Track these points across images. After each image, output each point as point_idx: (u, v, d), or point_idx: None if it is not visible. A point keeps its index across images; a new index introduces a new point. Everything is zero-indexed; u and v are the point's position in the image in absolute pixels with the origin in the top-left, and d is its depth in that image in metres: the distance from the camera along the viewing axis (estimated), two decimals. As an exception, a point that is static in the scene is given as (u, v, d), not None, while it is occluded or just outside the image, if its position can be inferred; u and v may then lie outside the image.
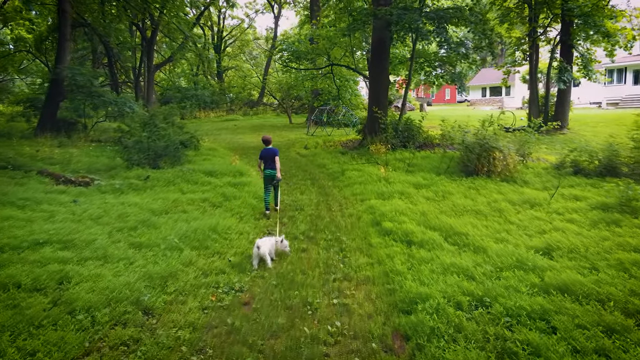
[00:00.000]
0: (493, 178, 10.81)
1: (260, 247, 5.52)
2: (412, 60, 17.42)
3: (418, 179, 10.34)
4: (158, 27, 29.36)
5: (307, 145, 18.57)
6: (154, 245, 5.80)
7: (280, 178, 8.15)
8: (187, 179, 10.42)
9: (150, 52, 30.74)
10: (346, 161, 13.81)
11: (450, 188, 9.57)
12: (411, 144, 16.47)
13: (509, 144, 11.42)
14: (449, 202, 8.29)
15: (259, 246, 5.53)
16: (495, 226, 6.71)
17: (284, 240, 5.84)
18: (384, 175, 10.69)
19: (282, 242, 5.80)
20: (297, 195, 9.88)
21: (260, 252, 5.51)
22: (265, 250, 5.53)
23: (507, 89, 56.04)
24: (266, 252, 5.54)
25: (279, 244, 5.79)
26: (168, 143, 12.72)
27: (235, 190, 9.37)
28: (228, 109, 42.81)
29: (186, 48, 30.27)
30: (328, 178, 11.92)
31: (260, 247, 5.52)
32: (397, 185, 9.73)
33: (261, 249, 5.51)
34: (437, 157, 13.84)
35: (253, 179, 10.71)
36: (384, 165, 11.88)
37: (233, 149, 18.68)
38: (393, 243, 6.06)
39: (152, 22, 28.56)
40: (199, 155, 15.13)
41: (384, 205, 8.02)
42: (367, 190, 9.65)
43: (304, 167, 13.85)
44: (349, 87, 24.66)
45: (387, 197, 8.84)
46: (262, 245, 5.56)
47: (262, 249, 5.52)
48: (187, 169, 11.43)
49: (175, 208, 7.94)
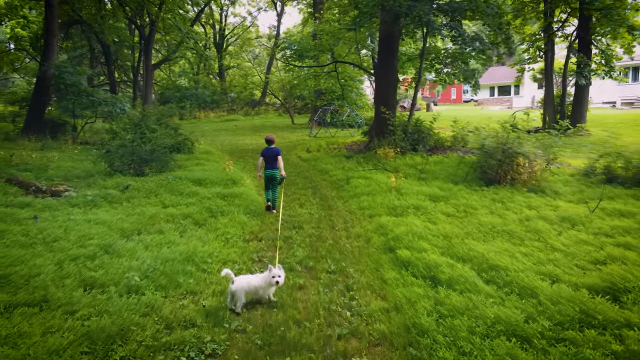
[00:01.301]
0: (518, 187, 9.54)
1: (234, 281, 4.31)
2: (422, 56, 16.13)
3: (434, 190, 9.07)
4: (155, 24, 28.20)
5: (309, 148, 17.33)
6: (110, 283, 4.57)
7: (285, 175, 8.26)
8: (172, 188, 9.20)
9: (148, 51, 29.59)
10: (351, 167, 12.55)
11: (471, 201, 8.30)
12: (421, 148, 15.20)
13: (537, 150, 10.12)
14: (473, 220, 7.02)
15: (234, 280, 4.32)
16: (536, 255, 5.43)
17: (280, 268, 4.50)
18: (394, 185, 9.43)
19: (273, 277, 4.42)
20: (295, 208, 8.62)
21: (232, 288, 4.31)
22: (238, 288, 4.30)
23: (515, 88, 54.60)
24: (239, 290, 4.29)
25: (269, 278, 4.42)
26: (154, 147, 11.50)
27: (224, 204, 8.12)
28: (229, 108, 41.61)
29: (184, 46, 29.06)
30: (331, 187, 10.67)
31: (235, 282, 4.30)
32: (410, 198, 8.46)
33: (235, 284, 4.30)
34: (451, 163, 12.56)
35: (246, 189, 9.47)
36: (394, 174, 10.62)
37: (230, 152, 17.46)
38: (413, 280, 4.79)
39: (150, 19, 27.38)
40: (191, 160, 13.92)
41: (397, 224, 6.76)
42: (375, 203, 8.39)
43: (305, 173, 12.60)
44: (354, 86, 23.38)
45: (400, 212, 7.57)
46: (240, 280, 4.35)
47: (236, 284, 4.30)
48: (173, 176, 10.21)
49: (150, 227, 6.71)
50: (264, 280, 4.40)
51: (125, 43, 33.66)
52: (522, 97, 51.03)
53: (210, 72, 49.22)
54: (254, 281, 4.41)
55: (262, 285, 4.40)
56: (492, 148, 10.54)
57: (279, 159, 8.14)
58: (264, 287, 4.41)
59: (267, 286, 4.41)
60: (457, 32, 13.53)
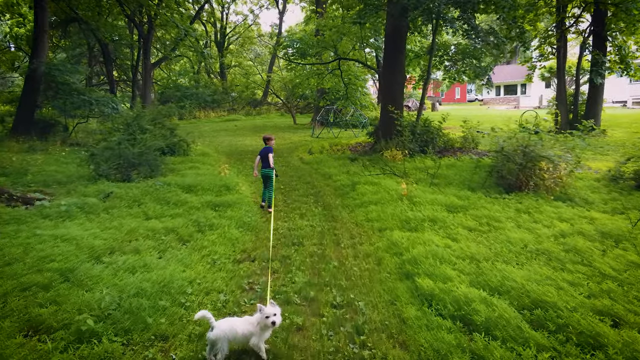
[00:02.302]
0: (542, 195, 8.57)
1: (214, 327, 3.39)
2: (431, 53, 15.16)
3: (450, 198, 8.10)
4: (154, 21, 27.32)
5: (311, 150, 16.38)
6: (59, 326, 3.63)
7: (274, 168, 8.20)
8: (158, 197, 8.26)
9: (147, 49, 28.72)
10: (357, 171, 11.59)
11: (494, 212, 7.33)
12: (431, 149, 14.27)
13: (566, 154, 9.14)
14: (500, 237, 6.05)
15: (213, 326, 3.40)
16: (585, 284, 4.47)
17: (273, 305, 3.54)
18: (405, 193, 8.46)
19: (267, 317, 3.45)
20: (295, 219, 7.67)
21: (210, 336, 3.38)
22: (220, 336, 3.37)
23: (522, 87, 53.49)
24: (221, 338, 3.37)
25: (261, 320, 3.45)
26: (143, 150, 10.57)
27: (215, 216, 7.18)
28: (230, 108, 40.68)
29: (182, 44, 28.19)
30: (335, 194, 9.71)
31: (215, 328, 3.39)
32: (425, 208, 7.49)
33: (215, 330, 3.37)
34: (465, 167, 11.59)
35: (241, 197, 8.51)
36: (404, 179, 9.67)
37: (228, 154, 16.53)
38: (439, 321, 3.83)
39: (149, 16, 26.49)
40: (185, 163, 12.99)
41: (413, 242, 5.80)
42: (385, 213, 7.43)
43: (307, 178, 11.65)
44: (358, 84, 22.41)
45: (415, 226, 6.61)
46: (221, 325, 3.42)
47: (216, 331, 3.37)
48: (161, 182, 9.27)
49: (126, 245, 5.77)
50: (253, 324, 3.48)
51: (123, 41, 32.88)
52: (529, 96, 49.95)
53: (211, 71, 48.34)
54: (241, 327, 3.47)
55: (251, 332, 3.46)
56: (513, 151, 9.60)
57: (269, 157, 8.20)
58: (255, 332, 3.47)
59: (261, 331, 3.48)
60: (470, 25, 12.55)
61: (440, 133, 15.18)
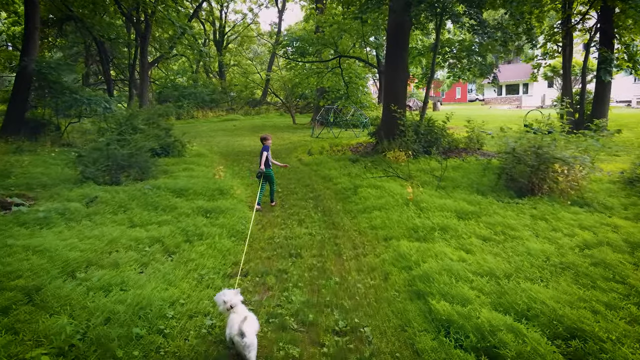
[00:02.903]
0: (557, 199, 8.01)
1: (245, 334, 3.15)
2: (435, 49, 14.58)
3: (459, 203, 7.53)
4: (151, 19, 26.76)
5: (310, 151, 15.82)
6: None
7: (263, 170, 8.23)
8: (146, 201, 7.69)
9: (144, 48, 28.17)
10: (358, 173, 11.02)
11: (508, 218, 6.76)
12: (435, 150, 13.69)
13: (583, 155, 8.57)
14: (519, 248, 5.47)
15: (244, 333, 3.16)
16: (625, 306, 3.90)
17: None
18: (411, 197, 7.89)
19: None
20: (293, 226, 7.10)
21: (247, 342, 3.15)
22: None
23: (524, 87, 52.89)
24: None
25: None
26: (133, 151, 10.00)
27: (206, 223, 6.60)
28: (228, 108, 40.07)
29: (178, 41, 27.67)
30: (336, 197, 9.14)
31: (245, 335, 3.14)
32: (433, 215, 6.92)
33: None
34: (472, 168, 11.02)
35: (235, 203, 7.93)
36: (409, 182, 9.10)
37: (224, 155, 15.97)
38: (461, 355, 3.25)
39: (145, 14, 25.92)
40: (179, 164, 12.41)
41: (423, 253, 5.23)
42: (391, 220, 6.86)
43: (306, 180, 11.08)
44: (359, 84, 21.83)
45: (424, 235, 6.04)
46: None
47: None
48: (150, 186, 8.70)
49: (105, 257, 5.21)
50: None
51: (120, 40, 32.34)
52: (531, 96, 49.37)
53: (210, 70, 47.76)
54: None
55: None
56: (524, 152, 9.04)
57: (262, 155, 8.26)
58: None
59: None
60: (477, 20, 11.97)
61: (445, 133, 14.62)
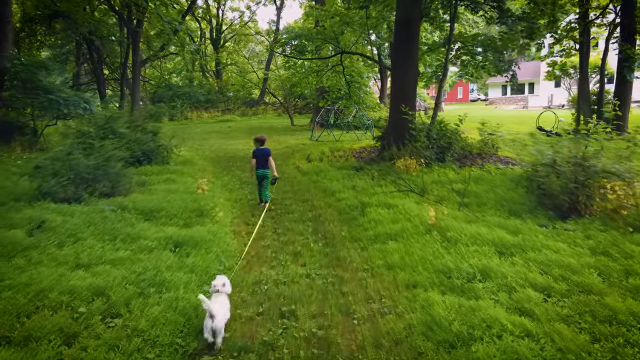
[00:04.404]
0: (610, 223, 6.49)
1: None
2: (449, 44, 13.10)
3: (495, 231, 5.99)
4: (143, 16, 25.30)
5: (309, 156, 14.30)
6: None
7: (277, 176, 8.54)
8: (105, 228, 6.16)
9: (135, 45, 26.70)
10: (365, 185, 9.51)
11: (563, 255, 5.22)
12: (449, 157, 12.21)
13: None
14: (596, 307, 3.95)
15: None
16: None
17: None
18: (433, 222, 6.38)
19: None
20: (287, 263, 5.57)
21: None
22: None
23: (530, 86, 51.40)
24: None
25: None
26: (99, 161, 8.47)
27: (172, 263, 5.05)
28: (224, 108, 38.53)
29: (165, 37, 26.21)
30: (340, 219, 7.62)
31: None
32: (466, 249, 5.40)
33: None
34: (497, 180, 9.51)
35: (215, 230, 6.36)
36: (429, 202, 7.60)
37: (215, 161, 14.45)
38: None
39: (135, 10, 24.44)
40: (161, 173, 10.89)
41: (466, 318, 3.71)
42: (412, 257, 5.35)
43: (304, 194, 9.56)
44: (362, 83, 20.31)
45: (461, 285, 4.51)
46: None
47: None
48: (115, 205, 7.18)
49: (16, 325, 3.69)
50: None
51: (111, 38, 30.90)
52: (537, 96, 47.91)
53: (206, 69, 46.25)
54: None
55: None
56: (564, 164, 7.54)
57: (270, 160, 8.38)
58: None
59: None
60: (499, 8, 10.47)
61: (459, 137, 13.14)
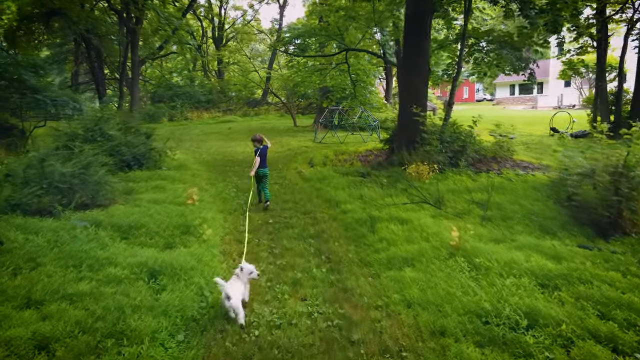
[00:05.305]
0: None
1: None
2: (462, 40, 12.13)
3: (533, 257, 5.01)
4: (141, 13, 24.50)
5: (312, 161, 13.36)
6: None
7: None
8: (72, 250, 5.22)
9: (134, 43, 25.92)
10: (373, 195, 8.55)
11: (620, 288, 4.29)
12: (463, 162, 11.25)
13: None
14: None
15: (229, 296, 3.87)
16: None
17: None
18: (456, 243, 5.42)
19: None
20: (284, 295, 4.63)
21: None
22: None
23: (539, 86, 50.21)
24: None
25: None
26: (75, 169, 7.56)
27: (142, 300, 4.11)
28: (225, 109, 37.58)
29: (162, 33, 25.46)
30: (346, 236, 6.66)
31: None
32: (500, 280, 4.44)
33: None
34: (519, 189, 8.55)
35: (201, 253, 5.40)
36: (450, 218, 6.64)
37: (211, 166, 13.52)
38: None
39: (136, 7, 23.64)
40: (151, 180, 9.99)
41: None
42: (435, 290, 4.40)
43: (306, 205, 8.60)
44: (368, 82, 19.34)
45: (501, 334, 3.56)
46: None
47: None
48: (86, 222, 6.25)
49: None
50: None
51: (111, 37, 30.13)
52: (546, 96, 46.70)
53: (208, 69, 45.35)
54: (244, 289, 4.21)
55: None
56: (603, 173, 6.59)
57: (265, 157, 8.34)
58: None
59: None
60: (521, 1, 9.50)
61: (473, 140, 12.18)
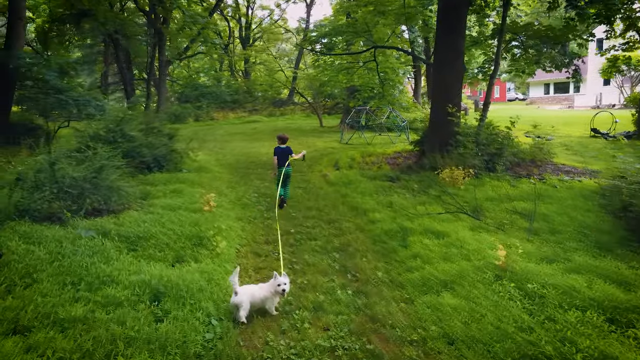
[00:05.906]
0: None
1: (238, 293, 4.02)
2: (500, 34, 11.27)
3: (595, 283, 4.28)
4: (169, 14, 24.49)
5: (338, 163, 12.73)
6: None
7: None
8: (72, 264, 4.76)
9: (161, 44, 25.96)
10: (404, 203, 7.85)
11: None
12: (501, 166, 10.41)
13: None
14: None
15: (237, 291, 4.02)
16: None
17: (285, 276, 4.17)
18: (503, 263, 4.70)
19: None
20: (303, 325, 4.02)
21: (235, 300, 4.03)
22: (243, 299, 4.02)
23: (575, 85, 48.06)
24: (244, 301, 4.02)
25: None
26: (87, 173, 7.17)
27: (141, 329, 3.55)
28: (251, 109, 37.36)
29: (186, 33, 25.38)
30: (374, 250, 5.99)
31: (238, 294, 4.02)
32: (563, 314, 3.72)
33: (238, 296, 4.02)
34: (565, 197, 7.70)
35: (213, 270, 4.85)
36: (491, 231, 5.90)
37: (233, 168, 13.05)
38: None
39: (163, 8, 23.63)
40: (169, 183, 9.56)
41: None
42: (481, 324, 3.71)
43: (330, 213, 7.97)
44: (396, 80, 18.56)
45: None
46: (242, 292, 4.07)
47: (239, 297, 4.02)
48: (93, 232, 5.81)
49: None
50: (268, 289, 4.17)
51: (138, 37, 30.36)
52: (584, 95, 44.59)
53: (235, 69, 45.34)
54: (258, 292, 4.15)
55: (266, 296, 4.16)
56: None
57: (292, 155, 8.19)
58: (269, 297, 4.17)
59: (272, 296, 4.17)
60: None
61: (512, 143, 11.31)
